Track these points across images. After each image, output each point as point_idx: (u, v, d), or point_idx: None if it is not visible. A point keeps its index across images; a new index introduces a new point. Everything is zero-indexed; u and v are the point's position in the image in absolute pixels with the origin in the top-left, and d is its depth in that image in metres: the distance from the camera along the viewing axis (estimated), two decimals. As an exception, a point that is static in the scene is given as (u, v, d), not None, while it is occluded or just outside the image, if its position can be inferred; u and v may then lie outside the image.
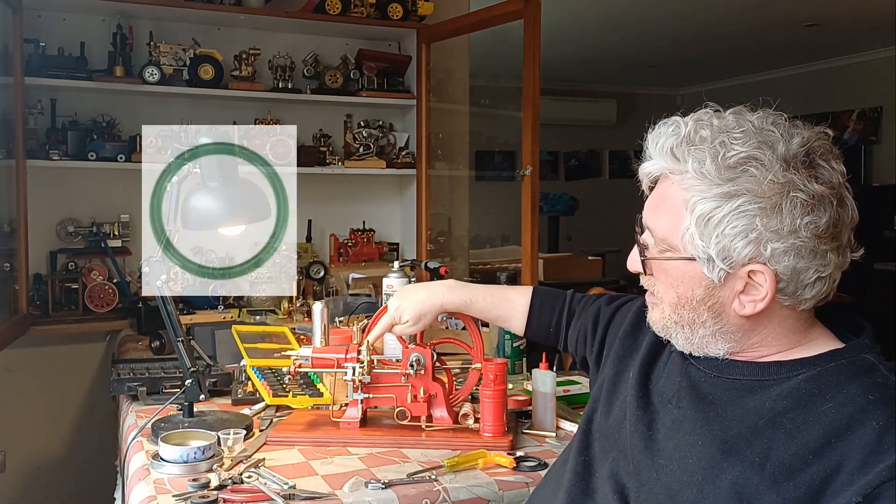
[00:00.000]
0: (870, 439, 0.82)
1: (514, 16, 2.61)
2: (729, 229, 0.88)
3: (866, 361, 0.90)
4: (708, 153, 0.90)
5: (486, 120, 5.06)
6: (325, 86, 2.97)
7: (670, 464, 0.93)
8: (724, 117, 0.94)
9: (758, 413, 0.90)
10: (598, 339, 1.26)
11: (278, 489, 1.21)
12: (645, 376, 1.06)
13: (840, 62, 6.72)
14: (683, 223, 0.92)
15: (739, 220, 0.88)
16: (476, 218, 3.63)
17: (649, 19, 5.23)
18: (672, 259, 0.95)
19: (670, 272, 0.96)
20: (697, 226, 0.90)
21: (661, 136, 0.95)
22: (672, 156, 0.93)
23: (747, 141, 0.90)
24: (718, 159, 0.89)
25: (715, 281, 0.92)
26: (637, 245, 1.00)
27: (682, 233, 0.92)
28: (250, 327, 2.15)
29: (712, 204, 0.89)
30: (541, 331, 1.40)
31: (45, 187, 2.66)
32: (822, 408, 0.87)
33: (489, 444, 1.40)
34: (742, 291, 0.91)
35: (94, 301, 2.63)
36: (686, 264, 0.93)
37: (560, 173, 8.02)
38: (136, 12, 2.72)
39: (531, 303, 1.40)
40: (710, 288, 0.93)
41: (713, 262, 0.90)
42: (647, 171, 0.98)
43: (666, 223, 0.95)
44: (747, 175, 0.88)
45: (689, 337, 0.97)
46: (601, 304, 1.31)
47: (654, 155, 0.96)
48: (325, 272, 2.92)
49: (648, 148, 0.97)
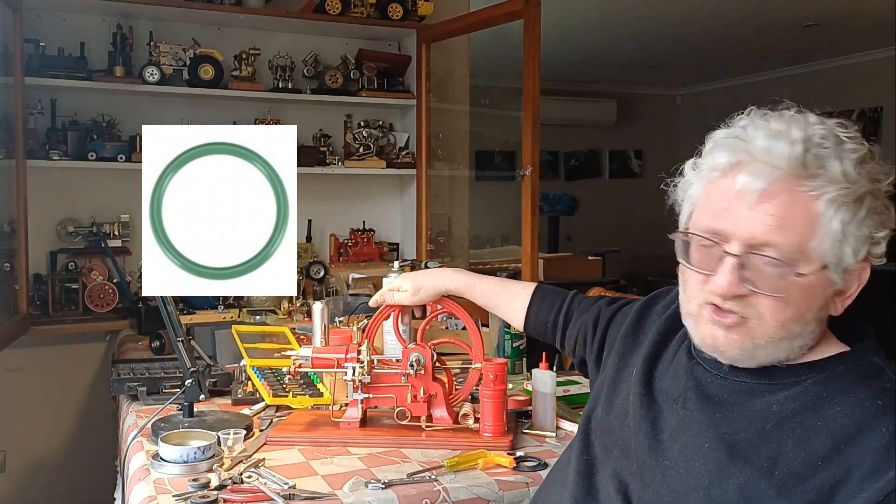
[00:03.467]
0: (880, 446, 0.81)
1: (514, 16, 2.61)
2: (862, 230, 0.87)
3: (874, 365, 0.90)
4: (840, 155, 0.87)
5: (486, 120, 5.05)
6: (325, 86, 2.97)
7: (676, 466, 0.92)
8: (807, 116, 0.92)
9: (765, 416, 0.89)
10: (597, 340, 1.26)
11: (278, 489, 1.21)
12: (648, 374, 1.05)
13: (840, 62, 6.72)
14: (819, 232, 0.87)
15: (870, 221, 0.88)
16: (476, 218, 3.64)
17: (649, 19, 5.23)
18: (808, 274, 0.87)
19: (793, 287, 0.88)
20: (837, 232, 0.86)
21: (777, 144, 0.87)
22: (802, 163, 0.87)
23: (854, 138, 0.89)
24: (847, 161, 0.87)
25: (841, 286, 0.90)
26: (732, 265, 0.89)
27: (816, 243, 0.87)
28: (250, 327, 2.15)
29: (852, 207, 0.87)
30: (539, 326, 1.41)
31: (45, 187, 2.66)
32: (830, 412, 0.86)
33: (489, 444, 1.40)
34: (839, 291, 0.91)
35: (94, 301, 2.63)
36: (817, 275, 0.88)
37: (560, 173, 8.02)
38: (136, 12, 2.72)
39: (532, 297, 1.42)
40: (832, 294, 0.90)
41: (842, 267, 0.88)
42: (756, 188, 0.87)
43: (796, 236, 0.87)
44: (867, 173, 0.88)
45: (777, 352, 0.91)
46: (601, 306, 1.30)
47: (776, 165, 0.87)
48: (325, 272, 2.92)
49: (757, 159, 0.88)
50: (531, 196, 2.59)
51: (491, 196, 5.90)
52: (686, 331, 1.05)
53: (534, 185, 2.58)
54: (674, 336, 1.08)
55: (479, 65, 3.67)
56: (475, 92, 3.47)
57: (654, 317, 1.15)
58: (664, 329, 1.10)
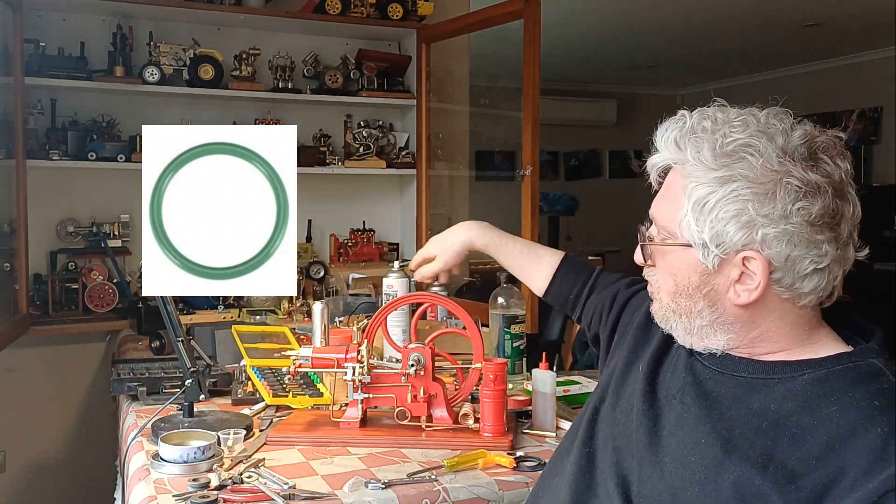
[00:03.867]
0: (874, 446, 0.81)
1: (514, 16, 2.60)
2: (722, 213, 0.89)
3: (874, 366, 0.90)
4: (707, 141, 0.92)
5: (486, 120, 5.05)
6: (325, 86, 2.97)
7: (673, 461, 0.93)
8: (729, 111, 0.96)
9: (762, 414, 0.89)
10: (611, 320, 1.27)
11: (278, 489, 1.21)
12: (653, 371, 1.05)
13: (840, 62, 6.72)
14: (682, 210, 0.93)
15: (732, 205, 0.89)
16: (476, 218, 3.61)
17: (649, 19, 5.23)
18: (671, 245, 0.97)
19: (668, 259, 0.98)
20: (693, 211, 0.92)
21: (667, 129, 0.97)
22: (675, 146, 0.95)
23: (745, 129, 0.91)
24: (716, 147, 0.91)
25: (710, 267, 0.93)
26: (640, 237, 1.03)
27: (680, 219, 0.94)
28: (250, 327, 2.15)
29: (707, 189, 0.90)
30: (560, 296, 1.43)
31: (45, 187, 2.66)
32: (826, 411, 0.86)
33: (489, 444, 1.40)
34: (738, 280, 0.92)
35: (94, 301, 2.63)
36: (683, 251, 0.95)
37: (560, 173, 8.02)
38: (136, 12, 2.72)
39: (559, 266, 1.43)
40: (704, 274, 0.94)
41: (707, 248, 0.91)
42: (653, 163, 0.99)
43: (667, 211, 0.97)
44: (743, 162, 0.89)
45: (687, 327, 0.98)
46: (621, 286, 1.32)
47: (661, 147, 0.98)
48: (325, 272, 2.92)
49: (656, 141, 0.99)
50: (531, 196, 2.59)
51: (491, 196, 5.87)
52: None
53: (534, 185, 2.58)
54: None
55: (479, 65, 3.67)
56: (475, 92, 3.47)
57: None
58: None
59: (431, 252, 1.52)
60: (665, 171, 0.99)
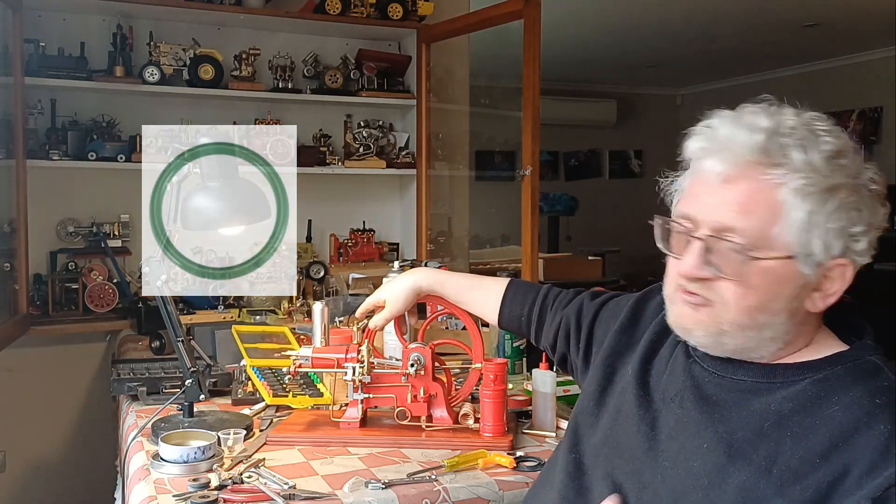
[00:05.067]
0: (878, 443, 0.81)
1: (514, 16, 2.60)
2: (832, 223, 0.87)
3: (872, 364, 0.90)
4: (806, 145, 0.87)
5: (486, 120, 5.05)
6: (325, 86, 2.97)
7: (675, 466, 0.92)
8: (785, 108, 0.92)
9: (763, 416, 0.89)
10: (583, 336, 1.24)
11: (278, 489, 1.21)
12: (644, 373, 1.04)
13: (840, 62, 6.72)
14: (782, 220, 0.87)
15: (842, 214, 0.87)
16: (476, 218, 3.63)
17: (649, 19, 5.23)
18: (768, 259, 0.88)
19: (753, 271, 0.89)
20: (800, 221, 0.86)
21: (739, 133, 0.89)
22: (764, 151, 0.88)
23: (831, 131, 0.89)
24: (818, 151, 0.87)
25: (811, 279, 0.89)
26: (696, 246, 0.91)
27: (779, 230, 0.87)
28: (250, 327, 2.15)
29: (818, 198, 0.86)
30: (513, 320, 1.40)
31: (45, 187, 2.66)
32: (828, 411, 0.86)
33: (489, 444, 1.40)
34: (817, 287, 0.90)
35: (94, 301, 2.63)
36: (782, 264, 0.88)
37: (560, 173, 8.02)
38: (136, 12, 2.72)
39: (506, 291, 1.41)
40: (801, 287, 0.90)
41: (811, 259, 0.88)
42: (719, 173, 0.89)
43: (759, 221, 0.88)
44: (841, 167, 0.87)
45: (745, 342, 0.92)
46: (583, 300, 1.29)
47: (737, 152, 0.89)
48: (325, 272, 2.92)
49: (722, 147, 0.90)
50: (531, 196, 2.59)
51: (491, 196, 5.90)
52: None
53: (534, 185, 2.58)
54: (670, 333, 1.08)
55: (479, 65, 3.67)
56: (475, 92, 3.47)
57: (650, 314, 1.14)
58: (661, 327, 1.09)
59: (380, 298, 1.48)
60: (728, 176, 0.89)
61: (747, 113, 0.92)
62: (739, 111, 0.94)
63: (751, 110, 0.93)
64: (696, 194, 0.93)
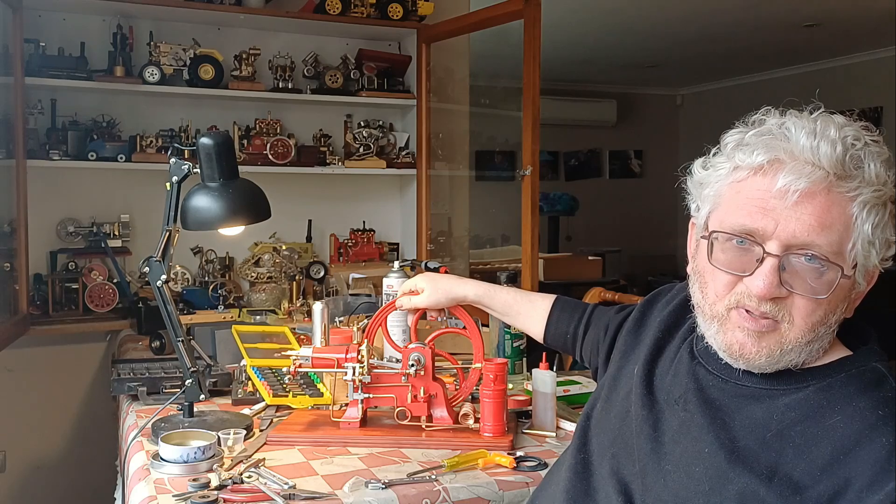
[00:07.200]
0: (879, 457, 0.81)
1: (514, 16, 2.61)
2: (885, 234, 0.87)
3: (877, 372, 0.90)
4: (871, 156, 0.87)
5: (486, 120, 5.06)
6: (325, 86, 2.97)
7: (677, 470, 0.92)
8: (835, 116, 0.91)
9: (766, 424, 0.88)
10: (606, 346, 1.26)
11: (278, 489, 1.21)
12: (649, 373, 1.04)
13: (840, 62, 6.72)
14: (854, 233, 0.86)
15: (889, 224, 0.87)
16: (476, 218, 3.64)
17: (649, 19, 5.23)
18: (844, 275, 0.86)
19: (828, 289, 0.87)
20: (865, 235, 0.86)
21: (820, 146, 0.86)
22: (842, 164, 0.85)
23: (878, 141, 0.89)
24: (879, 162, 0.87)
25: (861, 288, 0.90)
26: (771, 266, 0.87)
27: (851, 245, 0.86)
28: (250, 327, 2.15)
29: (880, 210, 0.86)
30: (559, 337, 1.42)
31: (45, 187, 2.66)
32: (830, 421, 0.85)
33: (489, 444, 1.40)
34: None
35: (94, 301, 2.63)
36: (846, 277, 0.87)
37: (560, 173, 8.02)
38: (136, 12, 2.72)
39: (552, 308, 1.43)
40: (853, 297, 0.90)
41: (865, 269, 0.88)
42: (798, 188, 0.85)
43: (836, 236, 0.86)
44: (890, 177, 0.88)
45: (803, 356, 0.90)
46: (611, 314, 1.31)
47: (815, 166, 0.85)
48: (325, 272, 2.92)
49: (798, 158, 0.86)
50: (531, 196, 2.59)
51: (491, 196, 5.90)
52: (688, 328, 1.05)
53: (534, 185, 2.58)
54: (676, 333, 1.08)
55: (479, 65, 3.67)
56: (475, 92, 3.47)
57: (656, 314, 1.15)
58: (666, 326, 1.09)
59: (420, 285, 1.48)
60: (807, 190, 0.85)
61: (807, 120, 0.89)
62: (795, 117, 0.90)
63: (807, 117, 0.90)
64: (764, 208, 0.87)
